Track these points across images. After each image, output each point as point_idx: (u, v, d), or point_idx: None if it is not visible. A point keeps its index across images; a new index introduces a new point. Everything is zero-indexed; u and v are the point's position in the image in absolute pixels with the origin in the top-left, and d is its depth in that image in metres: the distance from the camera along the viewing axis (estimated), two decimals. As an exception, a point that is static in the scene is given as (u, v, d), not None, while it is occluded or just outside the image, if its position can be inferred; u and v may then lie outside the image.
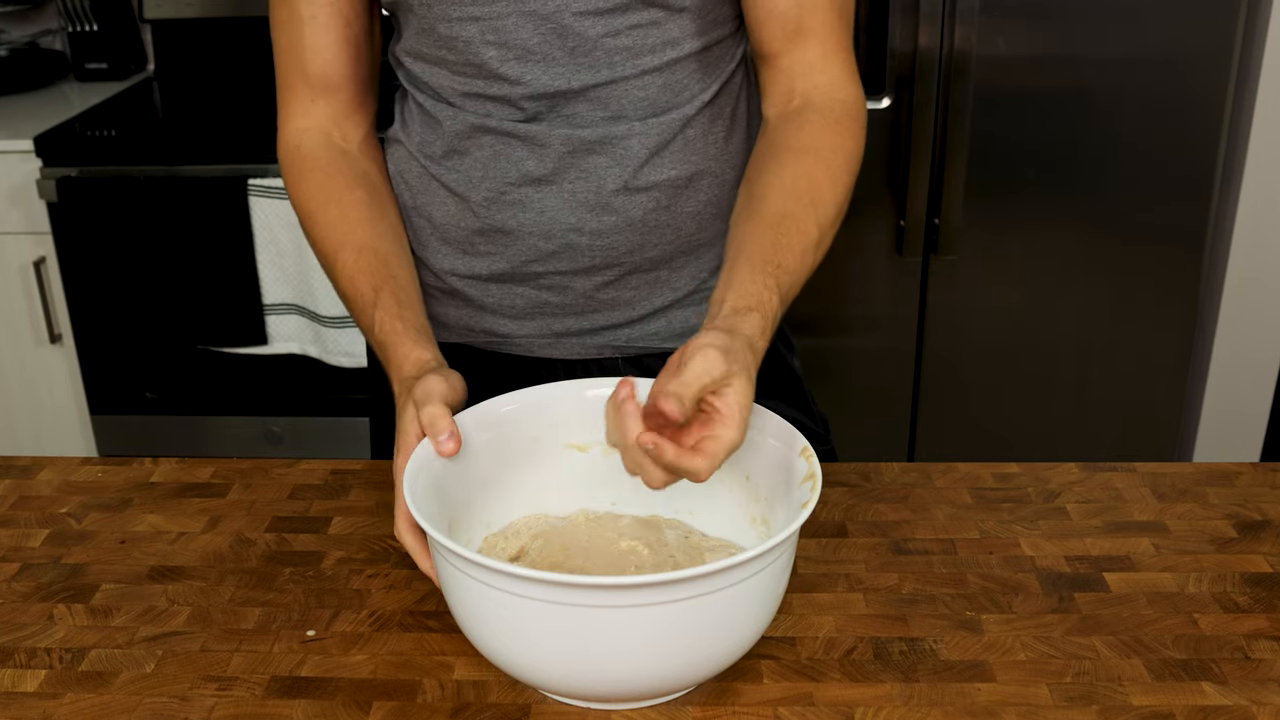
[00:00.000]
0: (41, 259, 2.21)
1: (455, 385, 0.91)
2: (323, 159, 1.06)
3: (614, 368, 1.11)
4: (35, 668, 0.86)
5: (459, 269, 1.09)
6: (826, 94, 1.01)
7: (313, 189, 1.05)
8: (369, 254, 1.01)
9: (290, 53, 1.06)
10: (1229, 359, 2.23)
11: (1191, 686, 0.82)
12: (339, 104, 1.07)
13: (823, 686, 0.83)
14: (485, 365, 1.11)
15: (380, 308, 0.98)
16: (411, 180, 1.09)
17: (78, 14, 2.51)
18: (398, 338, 0.96)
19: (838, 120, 1.00)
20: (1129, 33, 1.99)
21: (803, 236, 0.92)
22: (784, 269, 0.89)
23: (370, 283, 1.00)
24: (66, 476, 1.10)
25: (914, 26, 2.00)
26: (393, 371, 0.95)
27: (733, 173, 1.07)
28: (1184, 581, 0.93)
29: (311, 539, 1.00)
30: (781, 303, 0.88)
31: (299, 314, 2.15)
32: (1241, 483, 1.06)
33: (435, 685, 0.84)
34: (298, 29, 1.05)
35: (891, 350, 2.21)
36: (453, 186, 1.06)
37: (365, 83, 1.09)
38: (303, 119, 1.08)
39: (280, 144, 1.09)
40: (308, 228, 1.06)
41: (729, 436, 0.78)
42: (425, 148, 1.07)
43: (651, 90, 1.01)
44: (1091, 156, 2.07)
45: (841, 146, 0.99)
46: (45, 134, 2.17)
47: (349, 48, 1.06)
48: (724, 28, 1.03)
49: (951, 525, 1.01)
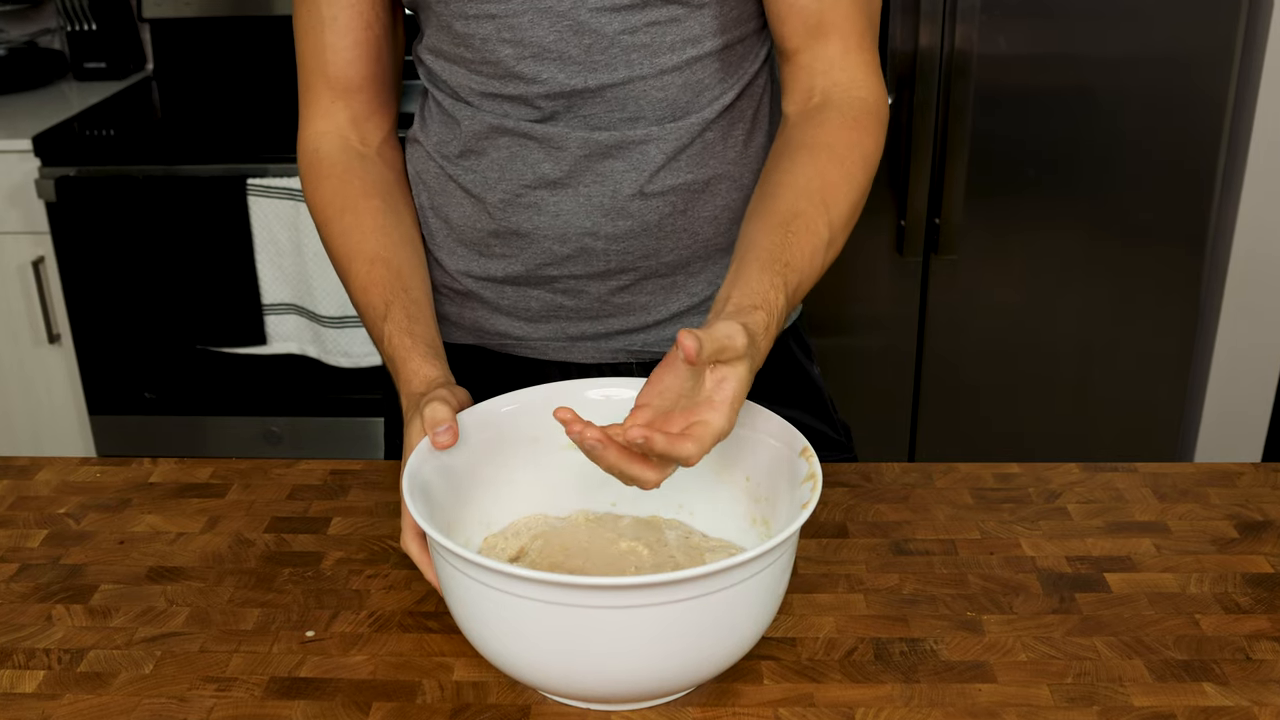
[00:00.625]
0: (40, 259, 2.21)
1: (463, 401, 0.91)
2: (340, 164, 1.06)
3: (628, 373, 1.10)
4: (34, 668, 0.86)
5: (474, 270, 1.08)
6: (846, 91, 0.99)
7: (328, 195, 1.05)
8: (381, 265, 1.01)
9: (312, 55, 1.06)
10: (1230, 359, 2.22)
11: (1193, 687, 0.82)
12: (359, 106, 1.07)
13: (823, 687, 0.83)
14: (498, 368, 1.11)
15: (390, 321, 0.98)
16: (429, 180, 1.09)
17: (76, 13, 2.51)
18: (407, 353, 0.96)
19: (855, 118, 0.98)
20: (1130, 32, 1.99)
21: (813, 236, 0.91)
22: (792, 268, 0.88)
23: (382, 295, 1.00)
24: (65, 477, 1.10)
25: (914, 25, 1.99)
26: (401, 386, 0.95)
27: (751, 177, 1.06)
28: (1185, 582, 0.93)
29: (311, 539, 1.00)
30: (788, 302, 0.88)
31: (298, 314, 2.15)
32: (1243, 483, 1.06)
33: (435, 686, 0.83)
34: (319, 31, 1.05)
35: (892, 350, 2.21)
36: (469, 187, 1.06)
37: (386, 85, 1.09)
38: (322, 121, 1.07)
39: (300, 147, 1.09)
40: (323, 235, 1.06)
41: (717, 423, 0.77)
42: (443, 147, 1.07)
43: (671, 90, 1.00)
44: (1093, 156, 2.06)
45: (859, 144, 0.97)
46: (44, 133, 2.17)
47: (369, 49, 1.06)
48: (746, 26, 1.02)
49: (952, 525, 1.00)
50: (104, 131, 2.24)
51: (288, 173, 2.07)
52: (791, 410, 0.94)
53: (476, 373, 1.04)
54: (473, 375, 1.02)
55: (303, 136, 1.08)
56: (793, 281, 0.88)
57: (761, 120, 1.07)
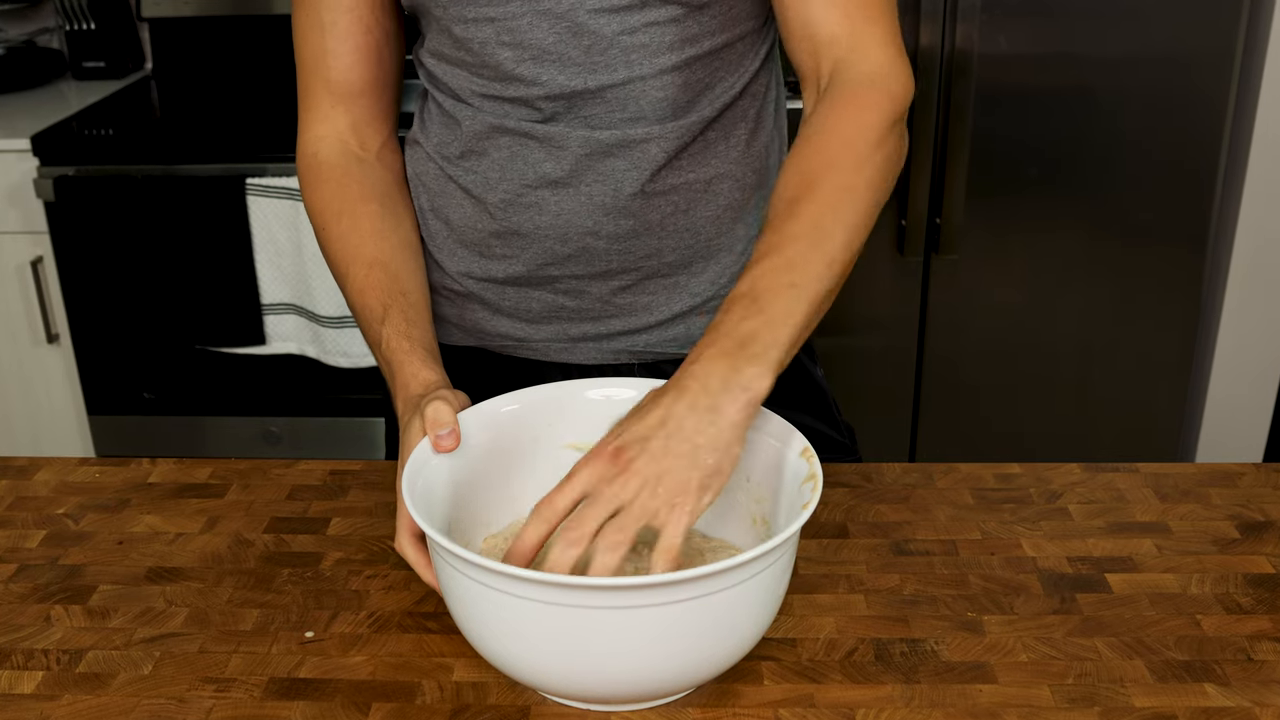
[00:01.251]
0: (39, 258, 2.21)
1: (462, 404, 0.91)
2: (338, 168, 1.06)
3: (629, 374, 1.09)
4: (32, 669, 0.86)
5: (475, 271, 1.08)
6: (849, 66, 0.94)
7: (326, 199, 1.05)
8: (379, 269, 1.01)
9: (311, 59, 1.06)
10: (1232, 359, 2.22)
11: (1194, 688, 0.82)
12: (359, 110, 1.07)
13: (824, 688, 0.82)
14: (498, 369, 1.10)
15: (388, 324, 0.97)
16: (429, 182, 1.09)
17: (75, 12, 2.50)
18: (405, 356, 0.95)
19: (854, 92, 0.93)
20: (1131, 31, 1.99)
21: (775, 254, 0.86)
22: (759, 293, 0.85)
23: (379, 299, 0.99)
24: (64, 477, 1.10)
25: (915, 24, 1.99)
26: (398, 390, 0.94)
27: (754, 176, 1.06)
28: (1186, 582, 0.93)
29: (310, 540, 1.00)
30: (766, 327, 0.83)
31: (297, 314, 2.15)
32: (1244, 483, 1.06)
33: (434, 687, 0.83)
34: (319, 35, 1.04)
35: (893, 350, 2.20)
36: (469, 188, 1.05)
37: (386, 90, 1.08)
38: (321, 125, 1.07)
39: (299, 151, 1.09)
40: (321, 239, 1.06)
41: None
42: (443, 149, 1.07)
43: (671, 90, 0.99)
44: (1094, 156, 2.06)
45: (855, 120, 0.92)
46: (42, 133, 2.16)
47: (369, 54, 1.05)
48: (746, 24, 1.01)
49: (953, 526, 1.00)
50: (103, 131, 2.24)
51: (287, 172, 2.07)
52: (794, 413, 0.93)
53: (476, 375, 1.03)
54: (473, 377, 1.02)
55: (302, 140, 1.08)
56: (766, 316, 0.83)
57: (765, 119, 1.07)
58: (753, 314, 0.82)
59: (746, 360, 0.80)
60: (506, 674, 0.80)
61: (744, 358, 0.80)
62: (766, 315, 0.82)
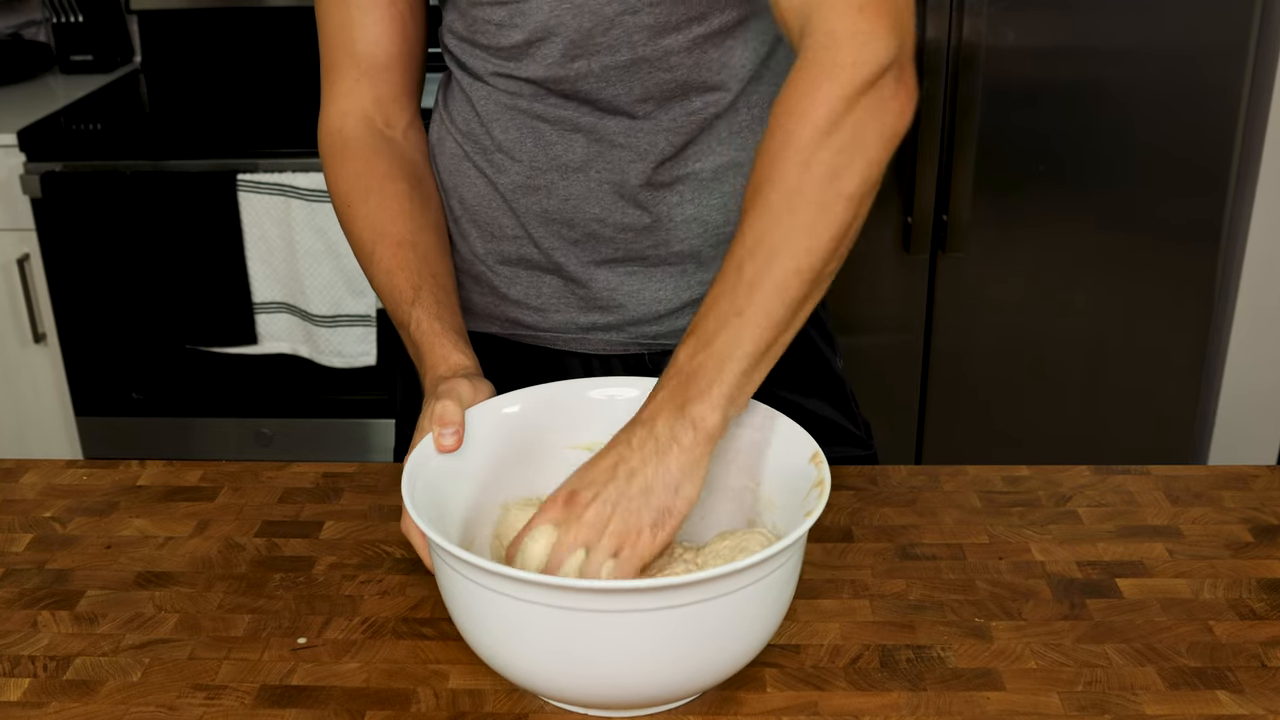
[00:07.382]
0: (25, 256, 2.20)
1: (482, 394, 0.91)
2: (365, 146, 1.05)
3: (640, 365, 1.09)
4: (19, 676, 0.85)
5: (486, 253, 1.08)
6: (814, 28, 0.86)
7: (353, 178, 1.04)
8: (408, 248, 1.01)
9: (337, 32, 1.05)
10: (1245, 358, 2.21)
11: (1207, 695, 0.81)
12: (385, 86, 1.06)
13: (828, 696, 0.82)
14: (512, 356, 1.10)
15: (419, 305, 0.97)
16: (445, 161, 1.09)
17: (62, 5, 2.50)
18: (437, 338, 0.95)
19: (811, 59, 0.85)
20: (1141, 24, 1.98)
21: (733, 260, 0.85)
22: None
23: (409, 279, 0.99)
24: (51, 479, 1.09)
25: (921, 17, 1.98)
26: (427, 370, 0.95)
27: None
28: (1199, 587, 0.92)
29: (302, 544, 0.99)
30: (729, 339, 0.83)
31: (289, 313, 2.14)
32: (1258, 486, 1.05)
33: (430, 694, 0.82)
34: (345, 7, 1.04)
35: (899, 349, 2.20)
36: (483, 168, 1.06)
37: (411, 65, 1.08)
38: (346, 100, 1.06)
39: (322, 127, 1.08)
40: (345, 218, 1.05)
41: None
42: (460, 127, 1.07)
43: (679, 72, 0.99)
44: (1103, 151, 2.05)
45: (801, 103, 0.84)
46: (29, 128, 2.15)
47: (396, 26, 1.05)
48: (753, 3, 1.00)
49: (960, 530, 0.99)
50: (91, 126, 2.23)
51: (279, 168, 2.06)
52: (812, 401, 0.92)
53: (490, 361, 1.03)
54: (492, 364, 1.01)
55: (325, 116, 1.07)
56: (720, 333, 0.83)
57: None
58: (700, 348, 0.83)
59: (693, 398, 0.82)
60: (507, 678, 0.80)
61: (690, 396, 0.82)
62: (712, 349, 0.83)
